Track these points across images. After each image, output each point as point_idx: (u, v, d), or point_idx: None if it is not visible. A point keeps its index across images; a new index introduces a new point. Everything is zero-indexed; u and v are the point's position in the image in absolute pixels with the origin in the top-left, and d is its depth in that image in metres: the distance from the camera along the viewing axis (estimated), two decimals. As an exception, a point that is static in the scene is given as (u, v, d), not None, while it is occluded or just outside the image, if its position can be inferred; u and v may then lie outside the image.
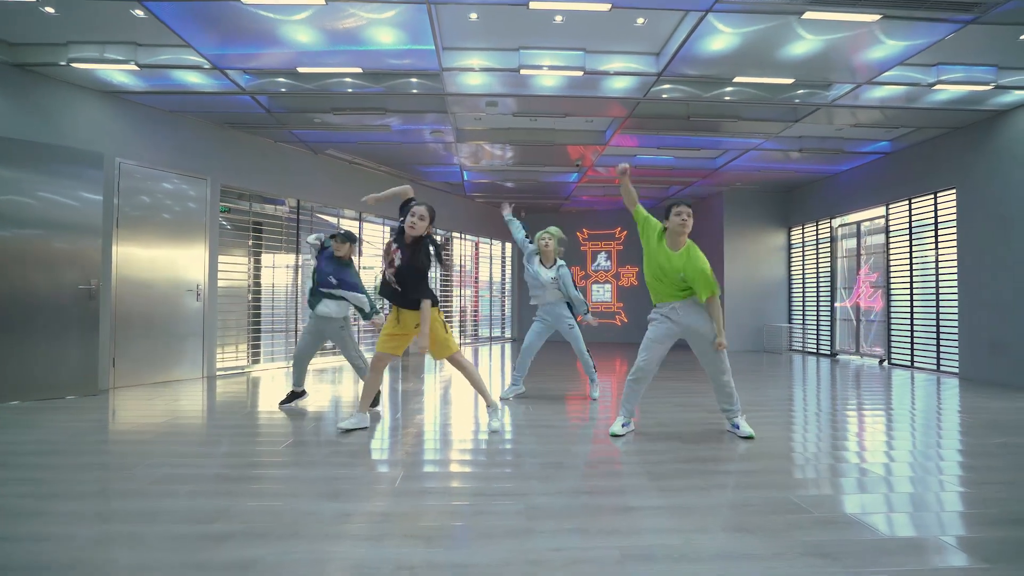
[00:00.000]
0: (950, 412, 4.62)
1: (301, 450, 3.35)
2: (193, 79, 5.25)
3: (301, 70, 5.10)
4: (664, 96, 5.73)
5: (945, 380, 6.37)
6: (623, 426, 3.71)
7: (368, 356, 4.98)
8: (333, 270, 4.41)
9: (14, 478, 2.80)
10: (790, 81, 5.32)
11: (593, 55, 5.02)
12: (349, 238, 4.48)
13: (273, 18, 4.30)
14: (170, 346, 6.04)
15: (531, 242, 5.02)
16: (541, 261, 4.96)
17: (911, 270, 7.35)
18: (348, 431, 3.74)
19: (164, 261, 5.97)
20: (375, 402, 4.46)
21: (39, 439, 3.55)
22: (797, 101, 5.82)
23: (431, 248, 3.59)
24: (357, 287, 4.44)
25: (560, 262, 4.95)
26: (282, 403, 4.67)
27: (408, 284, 3.56)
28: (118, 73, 5.07)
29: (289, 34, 4.52)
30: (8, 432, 3.74)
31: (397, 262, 3.56)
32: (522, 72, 5.09)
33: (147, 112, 5.86)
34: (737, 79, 5.27)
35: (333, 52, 4.81)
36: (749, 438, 3.62)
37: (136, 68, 4.88)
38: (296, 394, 4.69)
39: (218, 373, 6.60)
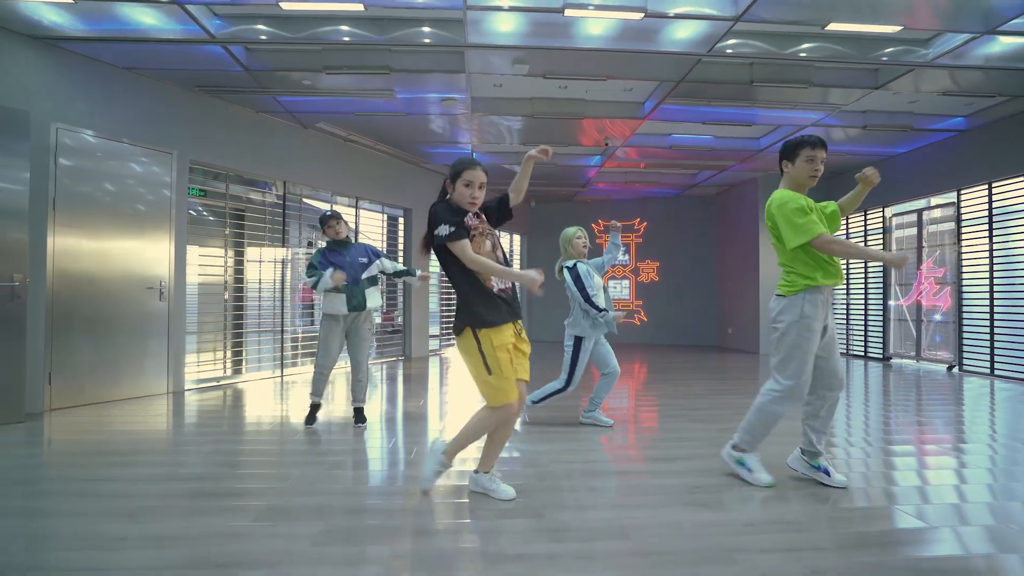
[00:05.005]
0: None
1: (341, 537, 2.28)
2: (148, 19, 4.13)
3: (285, 6, 3.99)
4: (728, 52, 4.73)
5: (1044, 392, 5.46)
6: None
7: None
8: (353, 253, 3.94)
9: None
10: (896, 30, 4.33)
11: (657, -8, 3.99)
12: (336, 215, 4.00)
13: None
14: (124, 356, 4.91)
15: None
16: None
17: (991, 264, 6.42)
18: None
19: (116, 253, 4.84)
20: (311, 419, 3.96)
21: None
22: (885, 59, 4.84)
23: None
24: (381, 252, 4.10)
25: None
26: (308, 422, 3.94)
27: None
28: (47, 8, 3.93)
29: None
30: None
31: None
32: (566, 13, 4.05)
33: (94, 68, 4.71)
34: (830, 27, 4.27)
35: (327, -19, 3.74)
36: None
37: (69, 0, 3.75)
38: (317, 407, 4.01)
39: (190, 386, 5.48)
